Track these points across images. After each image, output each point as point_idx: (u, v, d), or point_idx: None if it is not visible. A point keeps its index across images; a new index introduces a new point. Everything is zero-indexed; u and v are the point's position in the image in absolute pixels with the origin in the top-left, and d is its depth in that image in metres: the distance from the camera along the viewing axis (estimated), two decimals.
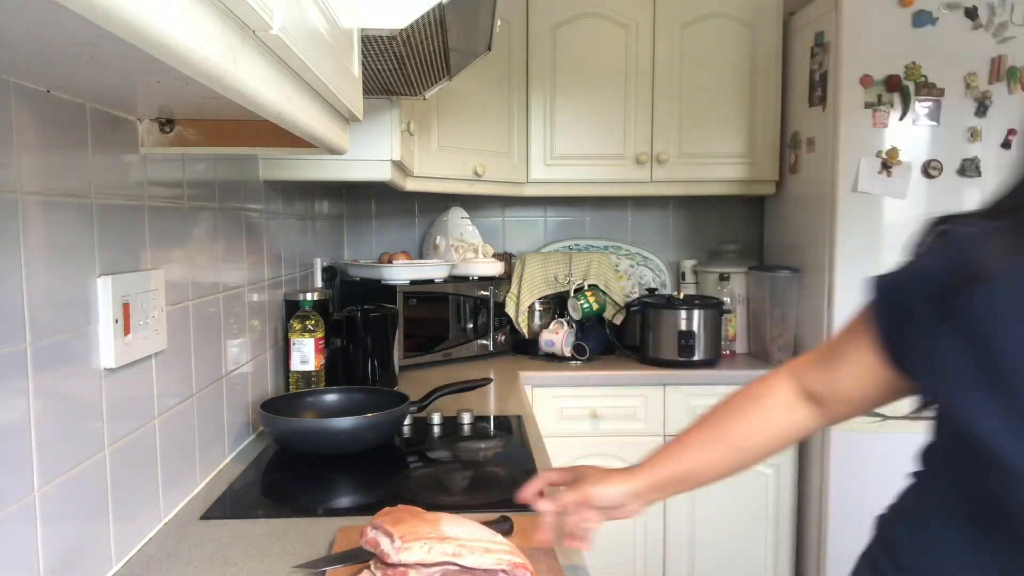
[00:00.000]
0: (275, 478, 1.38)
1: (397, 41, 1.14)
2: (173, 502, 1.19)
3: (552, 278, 2.63)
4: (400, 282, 2.29)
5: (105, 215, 0.97)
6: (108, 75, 0.76)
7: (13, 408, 0.78)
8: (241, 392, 1.53)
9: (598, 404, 2.37)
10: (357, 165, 1.75)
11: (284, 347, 1.81)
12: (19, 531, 0.79)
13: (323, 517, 1.18)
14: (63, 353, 0.87)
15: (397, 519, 0.92)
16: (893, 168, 2.29)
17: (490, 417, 1.82)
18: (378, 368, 1.96)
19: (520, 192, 2.64)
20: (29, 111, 0.81)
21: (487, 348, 2.58)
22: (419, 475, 1.42)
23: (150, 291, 1.07)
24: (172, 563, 1.02)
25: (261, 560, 1.03)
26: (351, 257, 2.87)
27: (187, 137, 1.08)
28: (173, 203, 1.20)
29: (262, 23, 0.56)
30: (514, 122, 2.58)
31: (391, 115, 1.74)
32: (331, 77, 0.79)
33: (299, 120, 0.74)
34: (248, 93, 0.59)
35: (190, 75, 0.51)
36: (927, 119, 2.28)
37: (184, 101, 0.93)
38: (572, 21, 2.59)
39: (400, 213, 2.92)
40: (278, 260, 1.82)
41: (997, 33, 2.27)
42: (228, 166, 1.45)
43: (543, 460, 1.46)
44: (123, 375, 1.01)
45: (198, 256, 1.29)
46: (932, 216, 0.82)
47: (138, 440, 1.06)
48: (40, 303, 0.83)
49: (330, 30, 0.80)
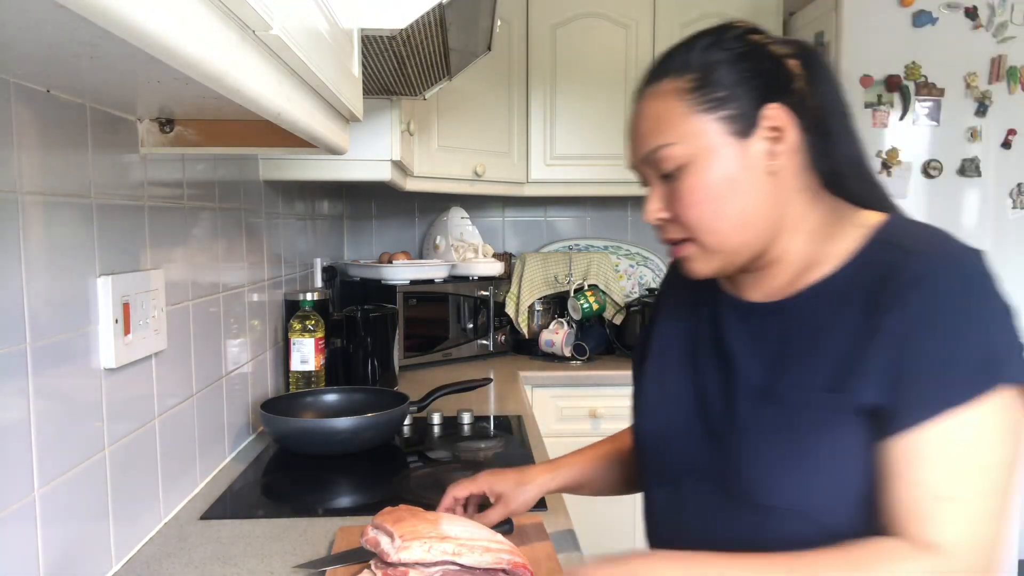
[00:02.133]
0: (275, 478, 1.38)
1: (397, 41, 1.14)
2: (173, 502, 1.19)
3: (552, 278, 2.63)
4: (400, 282, 2.29)
5: (105, 215, 0.97)
6: (108, 75, 0.76)
7: (13, 408, 0.78)
8: (241, 392, 1.53)
9: (598, 404, 2.37)
10: (357, 165, 1.75)
11: (284, 347, 1.81)
12: (19, 531, 0.79)
13: (323, 517, 1.18)
14: (63, 353, 0.87)
15: (397, 518, 0.92)
16: (893, 168, 2.29)
17: (490, 417, 1.82)
18: (378, 368, 1.96)
19: (520, 192, 2.64)
20: (29, 111, 0.81)
21: (487, 348, 2.58)
22: (419, 475, 1.42)
23: (150, 291, 1.07)
24: (172, 563, 1.02)
25: (261, 560, 1.03)
26: (351, 257, 2.87)
27: (187, 137, 1.08)
28: (173, 203, 1.20)
29: (262, 23, 0.56)
30: (514, 122, 2.58)
31: (391, 115, 1.74)
32: (331, 77, 0.79)
33: (299, 120, 0.74)
34: (248, 93, 0.59)
35: (190, 75, 0.51)
36: (927, 119, 2.29)
37: (184, 101, 0.92)
38: (572, 21, 2.59)
39: (400, 213, 2.92)
40: (278, 260, 1.82)
41: (997, 33, 2.27)
42: (228, 166, 1.45)
43: (543, 459, 1.46)
44: (123, 375, 1.01)
45: (198, 256, 1.29)
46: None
47: (138, 440, 1.06)
48: (40, 303, 0.82)
49: (330, 30, 0.80)
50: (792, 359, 0.78)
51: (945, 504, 0.68)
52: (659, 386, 0.92)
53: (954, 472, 0.69)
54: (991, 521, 0.69)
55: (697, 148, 0.77)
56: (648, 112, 0.81)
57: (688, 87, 0.78)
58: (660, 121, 0.79)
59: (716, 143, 0.77)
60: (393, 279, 2.29)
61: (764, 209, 0.79)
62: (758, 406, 0.79)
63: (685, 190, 0.78)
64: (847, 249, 0.79)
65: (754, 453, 0.78)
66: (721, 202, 0.78)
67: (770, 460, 0.76)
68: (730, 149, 0.77)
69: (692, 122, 0.78)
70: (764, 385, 0.79)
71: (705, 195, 0.78)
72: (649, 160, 0.81)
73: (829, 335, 0.76)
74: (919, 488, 0.69)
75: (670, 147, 0.78)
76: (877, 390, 0.71)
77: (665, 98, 0.79)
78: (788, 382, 0.77)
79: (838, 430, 0.73)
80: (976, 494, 0.68)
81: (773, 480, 0.76)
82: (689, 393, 0.87)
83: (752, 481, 0.77)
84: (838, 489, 0.74)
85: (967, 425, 0.68)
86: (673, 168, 0.78)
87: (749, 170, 0.78)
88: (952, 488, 0.68)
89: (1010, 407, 0.70)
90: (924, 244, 0.74)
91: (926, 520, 0.69)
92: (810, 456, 0.74)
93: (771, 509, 0.76)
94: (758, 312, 0.84)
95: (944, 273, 0.71)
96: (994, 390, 0.68)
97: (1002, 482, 0.69)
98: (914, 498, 0.69)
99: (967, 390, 0.69)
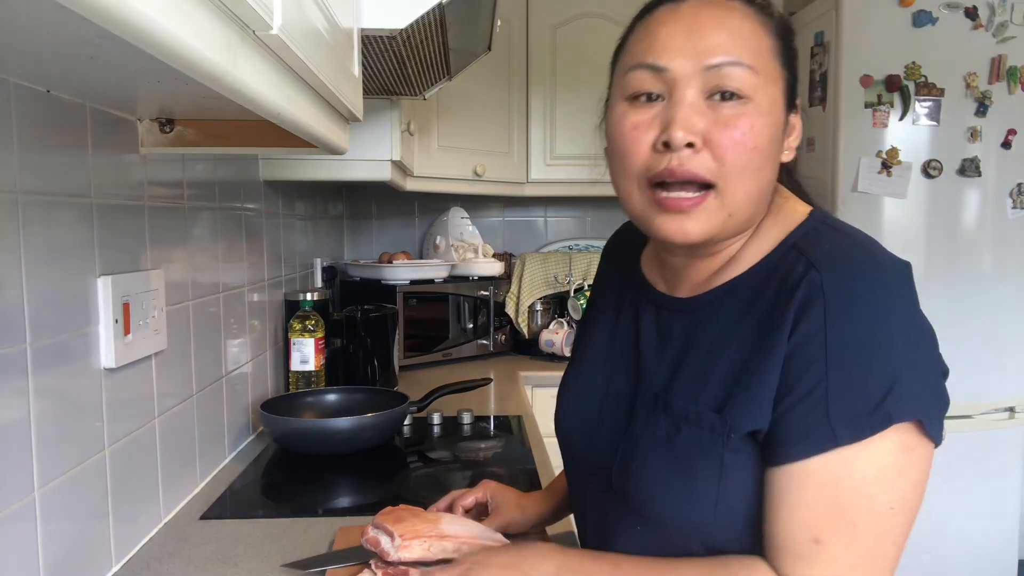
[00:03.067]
0: (275, 478, 1.38)
1: (397, 41, 1.14)
2: (173, 502, 1.19)
3: (552, 278, 2.63)
4: (400, 282, 2.29)
5: (105, 215, 0.97)
6: (108, 75, 0.76)
7: (13, 408, 0.78)
8: (241, 392, 1.53)
9: None
10: (357, 165, 1.75)
11: (284, 347, 1.81)
12: (19, 531, 0.79)
13: (323, 517, 1.18)
14: (63, 353, 0.87)
15: (398, 518, 0.92)
16: (893, 168, 2.29)
17: (490, 417, 1.82)
18: (378, 368, 1.96)
19: (520, 192, 2.64)
20: (29, 111, 0.81)
21: (487, 348, 2.58)
22: (419, 475, 1.42)
23: (150, 291, 1.07)
24: (172, 563, 1.02)
25: (261, 560, 1.03)
26: (351, 257, 2.87)
27: (187, 137, 1.08)
28: (173, 203, 1.20)
29: (262, 23, 0.56)
30: (514, 122, 2.58)
31: (391, 115, 1.74)
32: (331, 77, 0.79)
33: (299, 120, 0.74)
34: (248, 93, 0.59)
35: (190, 75, 0.51)
36: (927, 119, 2.28)
37: (184, 101, 0.92)
38: (572, 21, 2.59)
39: (400, 213, 2.92)
40: (278, 260, 1.82)
41: (997, 33, 2.27)
42: (228, 166, 1.45)
43: (543, 460, 1.46)
44: (123, 375, 1.01)
45: (198, 256, 1.29)
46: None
47: (138, 440, 1.06)
48: (40, 303, 0.82)
49: (330, 30, 0.80)
50: (688, 367, 0.73)
51: (816, 548, 0.64)
52: (575, 382, 0.89)
53: (833, 515, 0.63)
54: (867, 570, 0.64)
55: (768, 91, 0.69)
56: (730, 22, 0.69)
57: (774, 30, 0.71)
58: (745, 39, 0.69)
59: (779, 100, 0.71)
60: (393, 279, 2.29)
61: (770, 189, 0.74)
62: (652, 414, 0.75)
63: (743, 125, 0.67)
64: (763, 250, 0.73)
65: (641, 464, 0.74)
66: (764, 158, 0.69)
67: (656, 473, 0.72)
68: (782, 115, 0.72)
69: (774, 64, 0.70)
70: (660, 392, 0.75)
71: (757, 142, 0.68)
72: (715, 70, 0.68)
73: (725, 346, 0.71)
74: (794, 525, 0.65)
75: (750, 70, 0.68)
76: (762, 416, 0.66)
77: (752, 21, 0.70)
78: (678, 392, 0.73)
79: (721, 451, 0.68)
80: (853, 542, 0.63)
81: (658, 492, 0.72)
82: (601, 391, 0.83)
83: (639, 490, 0.74)
84: (723, 508, 0.69)
85: (854, 464, 0.62)
86: (736, 90, 0.67)
87: (779, 144, 0.73)
88: (828, 532, 0.63)
89: (907, 447, 0.63)
90: (832, 255, 0.67)
91: (795, 558, 0.65)
92: (692, 474, 0.70)
93: (657, 521, 0.73)
94: (668, 308, 0.79)
95: (846, 291, 0.64)
96: (889, 428, 0.62)
97: (888, 527, 0.64)
98: (789, 533, 0.65)
99: (858, 428, 0.62)
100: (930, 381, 0.65)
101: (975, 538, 2.38)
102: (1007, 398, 2.38)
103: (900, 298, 0.65)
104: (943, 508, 2.31)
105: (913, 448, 0.64)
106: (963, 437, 2.29)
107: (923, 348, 0.66)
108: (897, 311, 0.65)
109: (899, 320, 0.65)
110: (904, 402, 0.62)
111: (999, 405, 2.38)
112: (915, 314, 0.66)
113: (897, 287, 0.66)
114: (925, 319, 0.67)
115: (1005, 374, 2.37)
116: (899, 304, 0.65)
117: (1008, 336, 2.37)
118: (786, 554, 0.66)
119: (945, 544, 2.32)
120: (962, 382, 2.32)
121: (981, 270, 2.35)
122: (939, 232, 2.33)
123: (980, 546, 2.39)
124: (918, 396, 0.63)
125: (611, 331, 0.86)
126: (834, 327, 0.64)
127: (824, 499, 0.64)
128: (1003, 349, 2.36)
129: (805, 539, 0.64)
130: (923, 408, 0.63)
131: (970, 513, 2.36)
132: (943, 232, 2.33)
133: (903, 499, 0.64)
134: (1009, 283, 2.36)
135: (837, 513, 0.64)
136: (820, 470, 0.64)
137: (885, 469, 0.63)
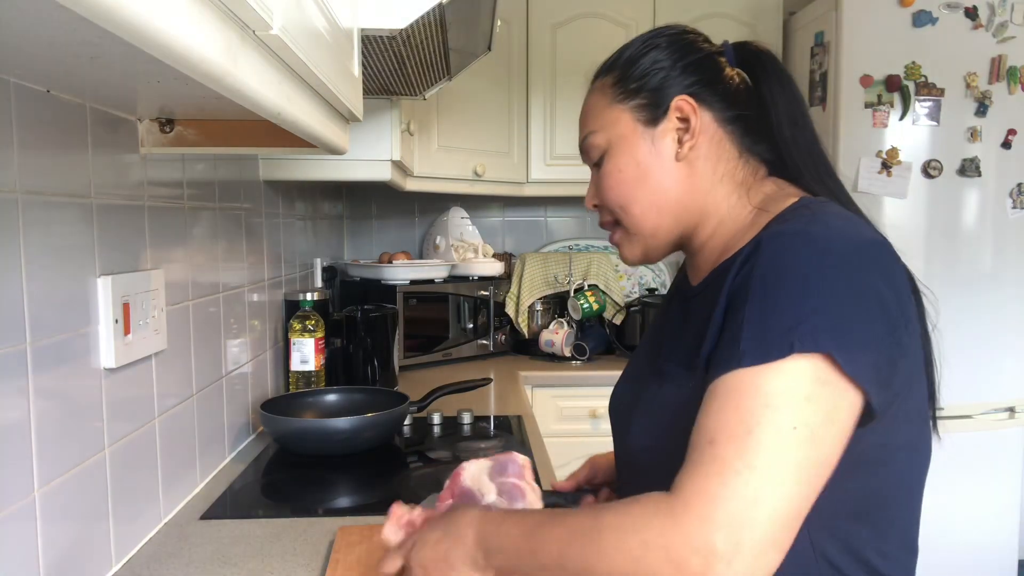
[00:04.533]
0: (275, 478, 1.38)
1: (397, 41, 1.14)
2: (173, 502, 1.19)
3: (552, 278, 2.63)
4: (400, 282, 2.29)
5: (105, 215, 0.97)
6: (108, 75, 0.76)
7: (13, 408, 0.78)
8: (241, 392, 1.53)
9: (598, 404, 2.36)
10: (357, 165, 1.75)
11: (284, 347, 1.81)
12: (19, 531, 0.79)
13: (323, 517, 1.18)
14: (63, 353, 0.87)
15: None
16: (893, 168, 2.29)
17: (490, 417, 1.82)
18: (378, 368, 1.96)
19: (520, 192, 2.64)
20: (29, 111, 0.81)
21: (487, 348, 2.58)
22: (419, 475, 1.42)
23: (150, 291, 1.07)
24: (172, 563, 1.02)
25: (261, 560, 1.03)
26: (351, 257, 2.87)
27: (187, 137, 1.08)
28: (173, 203, 1.20)
29: (262, 23, 0.56)
30: (514, 122, 2.58)
31: (391, 115, 1.74)
32: (331, 77, 0.79)
33: (299, 120, 0.74)
34: (248, 93, 0.59)
35: (190, 75, 0.51)
36: (927, 119, 2.29)
37: (184, 101, 0.93)
38: (572, 21, 2.59)
39: (400, 213, 2.92)
40: (278, 260, 1.82)
41: (997, 33, 2.27)
42: (228, 166, 1.45)
43: (543, 460, 1.46)
44: (123, 375, 1.01)
45: (198, 256, 1.29)
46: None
47: (138, 440, 1.06)
48: (40, 303, 0.82)
49: (330, 30, 0.80)
50: (685, 340, 0.80)
51: (709, 449, 0.63)
52: (626, 369, 0.99)
53: (732, 419, 0.63)
54: (759, 484, 0.61)
55: (612, 135, 0.85)
56: (583, 106, 0.90)
57: (612, 81, 0.86)
58: (588, 113, 0.88)
59: (628, 131, 0.84)
60: (393, 279, 2.29)
61: (676, 195, 0.83)
62: (649, 381, 0.83)
63: (604, 175, 0.86)
64: (751, 236, 0.78)
65: (637, 425, 0.82)
66: (633, 186, 0.84)
67: (648, 431, 0.80)
68: (640, 137, 0.83)
69: (610, 112, 0.85)
70: (659, 361, 0.83)
71: (618, 179, 0.84)
72: (582, 149, 0.89)
73: (710, 316, 0.74)
74: (696, 434, 0.65)
75: (592, 135, 0.86)
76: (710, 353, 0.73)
77: (595, 93, 0.88)
78: (664, 356, 0.82)
79: (687, 401, 0.71)
80: (746, 448, 0.62)
81: (649, 449, 0.79)
82: (635, 373, 0.93)
83: (639, 451, 0.82)
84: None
85: (759, 378, 0.63)
86: (597, 156, 0.86)
87: (658, 157, 0.83)
88: (723, 434, 0.63)
89: (821, 380, 0.63)
90: (787, 222, 0.73)
91: (687, 464, 0.64)
92: (672, 428, 0.72)
93: (656, 480, 0.70)
94: (686, 296, 0.88)
95: (787, 243, 0.69)
96: (801, 356, 0.63)
97: (789, 447, 0.62)
98: (691, 443, 0.65)
99: (765, 350, 0.64)
100: (860, 332, 0.65)
101: (975, 538, 2.38)
102: (1007, 398, 2.38)
103: (847, 263, 0.67)
104: (943, 508, 2.31)
105: (828, 383, 0.64)
106: (963, 437, 2.29)
107: (863, 307, 0.66)
108: (835, 267, 0.66)
109: (834, 274, 0.66)
110: (815, 335, 0.63)
111: (999, 405, 2.38)
112: (866, 281, 0.67)
113: (847, 254, 0.67)
114: (889, 295, 0.68)
115: (1005, 374, 2.37)
116: (841, 264, 0.67)
117: (1008, 336, 2.37)
118: (682, 464, 0.65)
119: (945, 544, 2.32)
120: (962, 382, 2.35)
121: (981, 270, 2.35)
122: (939, 232, 2.33)
123: (980, 546, 2.39)
124: (835, 335, 0.64)
125: (661, 323, 0.96)
126: (762, 268, 0.69)
127: (727, 407, 0.64)
128: (1003, 349, 2.37)
129: (701, 442, 0.64)
130: (839, 346, 0.63)
131: (970, 513, 2.36)
132: (943, 232, 2.33)
133: (809, 424, 0.63)
134: (1009, 283, 2.36)
135: (735, 417, 0.63)
136: (727, 383, 0.65)
137: (793, 390, 0.63)
